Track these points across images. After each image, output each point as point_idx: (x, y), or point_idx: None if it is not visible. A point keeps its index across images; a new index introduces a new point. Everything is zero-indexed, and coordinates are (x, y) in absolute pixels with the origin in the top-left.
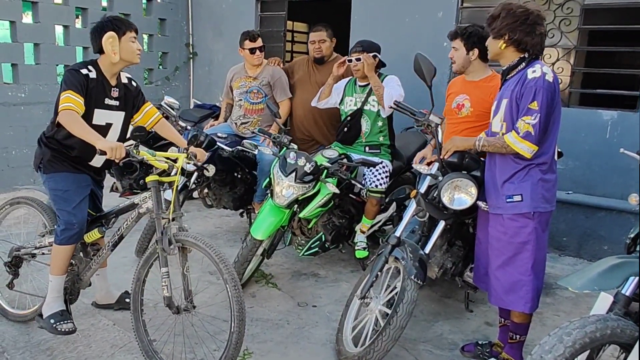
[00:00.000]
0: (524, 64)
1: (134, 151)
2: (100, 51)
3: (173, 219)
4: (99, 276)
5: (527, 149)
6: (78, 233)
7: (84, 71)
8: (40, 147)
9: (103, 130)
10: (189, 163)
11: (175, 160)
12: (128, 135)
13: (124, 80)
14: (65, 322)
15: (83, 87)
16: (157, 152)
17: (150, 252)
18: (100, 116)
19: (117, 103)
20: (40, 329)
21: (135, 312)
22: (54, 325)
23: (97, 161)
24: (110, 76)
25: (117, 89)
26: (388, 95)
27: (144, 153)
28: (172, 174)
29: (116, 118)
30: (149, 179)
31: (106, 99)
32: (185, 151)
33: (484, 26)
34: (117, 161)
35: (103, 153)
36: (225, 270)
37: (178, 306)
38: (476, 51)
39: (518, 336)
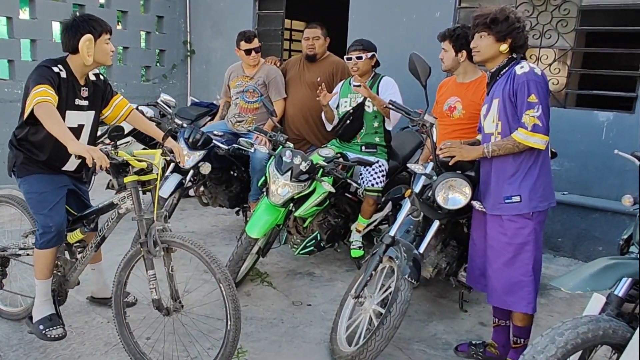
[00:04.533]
0: (511, 63)
1: (112, 152)
2: (74, 51)
3: (156, 219)
4: (94, 270)
5: (540, 141)
6: (57, 236)
7: (56, 69)
8: (12, 150)
9: (75, 132)
10: (165, 159)
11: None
12: (99, 134)
13: (92, 78)
14: (55, 327)
15: (55, 85)
16: (135, 151)
17: (132, 254)
18: (72, 118)
19: (86, 103)
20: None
21: (118, 315)
22: (43, 332)
23: (71, 165)
24: (80, 76)
25: (86, 88)
26: (394, 114)
27: (123, 154)
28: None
29: (87, 118)
30: (127, 179)
31: (76, 100)
32: (160, 146)
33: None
34: (101, 168)
35: (80, 158)
36: (217, 269)
37: (167, 307)
38: (464, 53)
39: (522, 340)
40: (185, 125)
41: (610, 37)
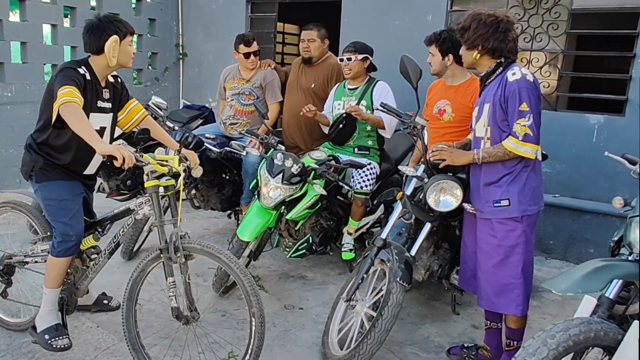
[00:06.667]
0: (501, 68)
1: (139, 155)
2: (98, 52)
3: (179, 225)
4: None
5: (530, 150)
6: (75, 245)
7: (81, 71)
8: (30, 154)
9: (98, 135)
10: (182, 164)
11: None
12: (117, 137)
13: (111, 80)
14: (61, 337)
15: (81, 86)
16: (157, 155)
17: (152, 257)
18: (95, 120)
19: (109, 105)
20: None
21: (129, 300)
22: (49, 342)
23: (92, 168)
24: (101, 78)
25: (107, 90)
26: (388, 121)
27: (148, 157)
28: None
29: (108, 121)
30: (148, 184)
31: (99, 102)
32: (177, 153)
33: None
34: (126, 168)
35: (112, 158)
36: (255, 303)
37: (186, 316)
38: (451, 57)
39: (515, 342)
40: (177, 128)
41: (600, 40)
